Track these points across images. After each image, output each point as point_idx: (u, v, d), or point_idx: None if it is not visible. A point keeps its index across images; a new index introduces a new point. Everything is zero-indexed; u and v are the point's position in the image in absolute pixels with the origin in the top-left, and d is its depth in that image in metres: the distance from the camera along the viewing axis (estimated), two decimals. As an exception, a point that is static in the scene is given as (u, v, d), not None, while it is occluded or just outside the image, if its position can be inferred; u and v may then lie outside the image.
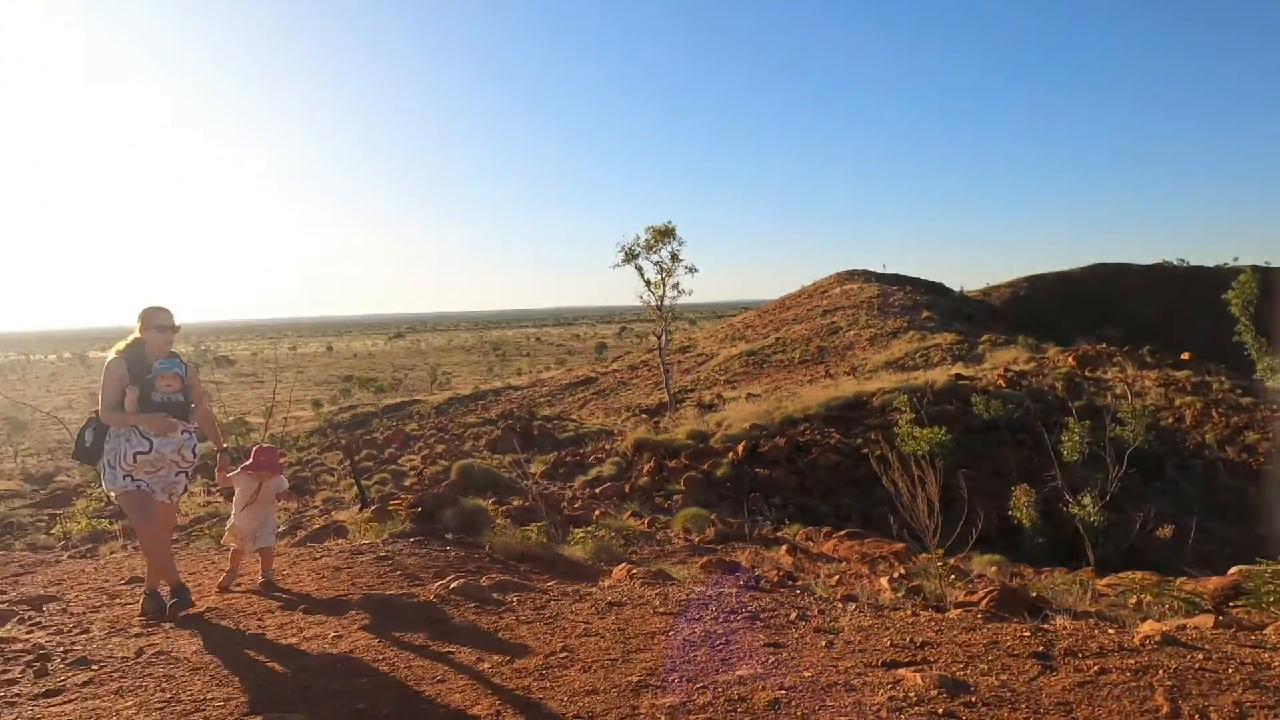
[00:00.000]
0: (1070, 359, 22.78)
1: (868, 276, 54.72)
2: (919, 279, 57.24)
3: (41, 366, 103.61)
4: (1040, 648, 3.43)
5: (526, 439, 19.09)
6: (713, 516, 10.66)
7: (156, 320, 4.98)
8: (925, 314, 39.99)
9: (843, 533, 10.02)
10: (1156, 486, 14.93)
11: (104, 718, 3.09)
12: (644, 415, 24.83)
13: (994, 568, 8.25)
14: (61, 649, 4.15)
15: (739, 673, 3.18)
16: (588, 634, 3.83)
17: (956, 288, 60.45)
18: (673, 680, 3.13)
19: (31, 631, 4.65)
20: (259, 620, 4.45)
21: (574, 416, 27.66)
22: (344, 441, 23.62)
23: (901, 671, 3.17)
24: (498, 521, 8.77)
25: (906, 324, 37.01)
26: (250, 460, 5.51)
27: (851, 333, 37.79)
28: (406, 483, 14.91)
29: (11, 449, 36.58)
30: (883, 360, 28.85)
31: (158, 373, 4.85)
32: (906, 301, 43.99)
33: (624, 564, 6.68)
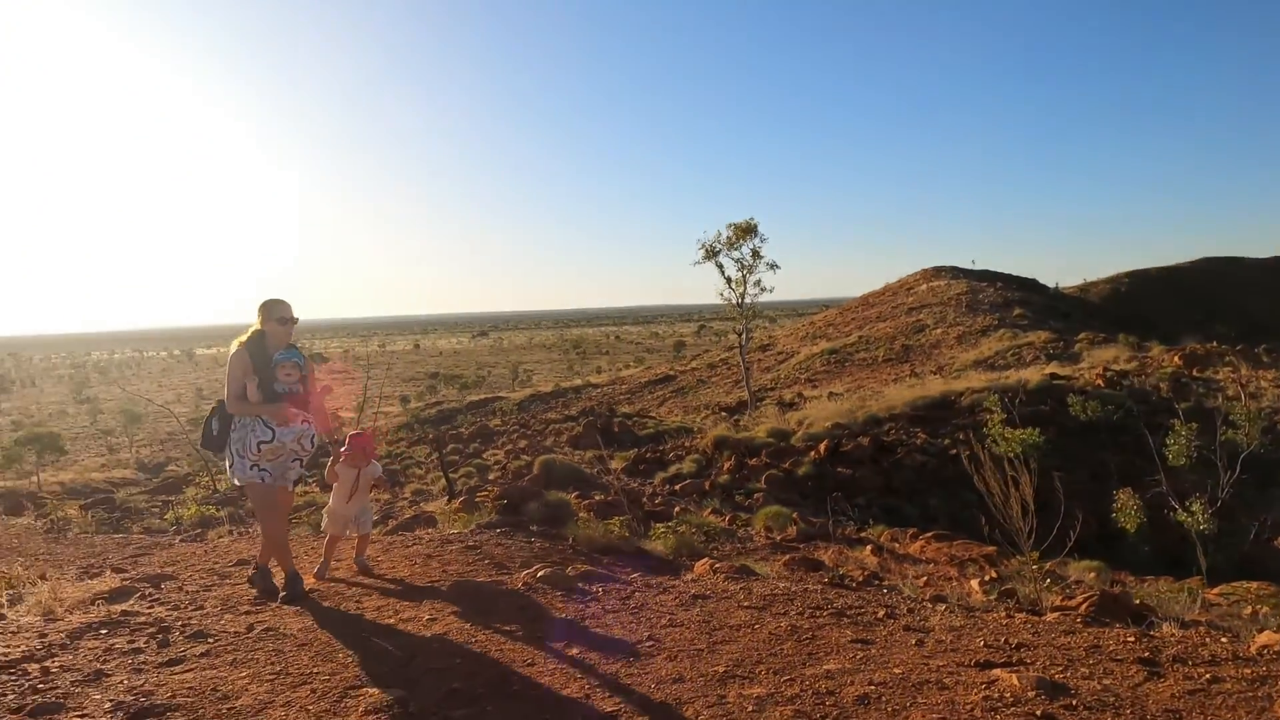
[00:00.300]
0: (1176, 358, 21.57)
1: (955, 273, 52.99)
2: (1010, 275, 55.10)
3: (154, 363, 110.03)
4: (1146, 654, 3.28)
5: (607, 436, 19.27)
6: (794, 515, 10.56)
7: (277, 312, 5.05)
8: (1017, 311, 38.50)
9: (930, 534, 9.78)
10: (1274, 493, 14.01)
11: (221, 687, 3.30)
12: (723, 413, 24.74)
13: (1092, 574, 7.91)
14: (180, 623, 4.44)
15: (826, 667, 3.15)
16: (673, 624, 3.87)
17: (1051, 284, 57.89)
18: (759, 672, 3.13)
19: (152, 606, 4.98)
20: (357, 602, 4.65)
21: (653, 414, 27.77)
22: (431, 436, 24.35)
23: (996, 672, 3.09)
24: (580, 515, 8.91)
25: (997, 321, 35.73)
26: (346, 446, 5.59)
27: (939, 331, 36.71)
28: (491, 476, 15.26)
29: (127, 439, 39.12)
30: (971, 359, 27.92)
31: (278, 363, 4.92)
32: (997, 299, 42.44)
33: (705, 559, 6.69)
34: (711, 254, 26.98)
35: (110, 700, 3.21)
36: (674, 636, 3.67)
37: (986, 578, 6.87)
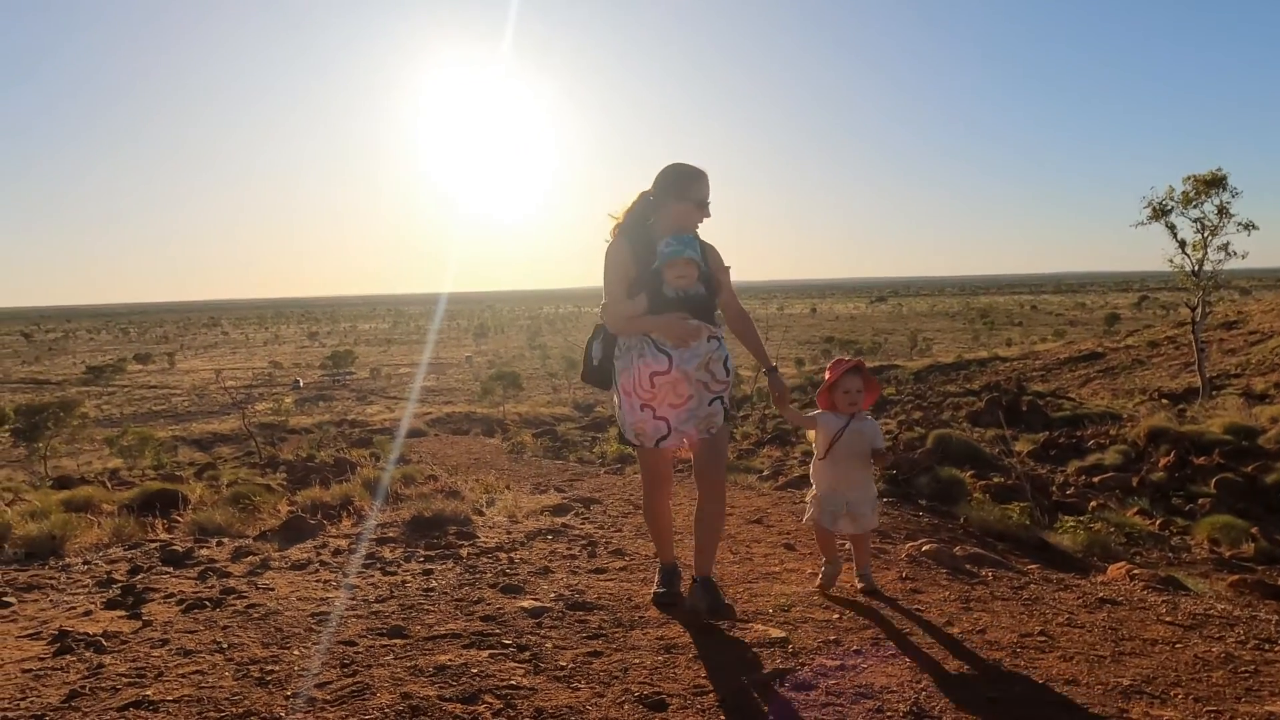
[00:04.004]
0: None
1: None
2: None
3: (589, 316, 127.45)
4: None
5: (1012, 414, 17.72)
6: (1253, 530, 8.75)
7: (694, 192, 3.44)
8: None
9: None
10: None
11: (634, 598, 3.87)
12: (1164, 400, 21.16)
13: None
14: (603, 540, 5.25)
15: (1270, 708, 2.67)
16: (1071, 625, 3.56)
17: None
18: (1175, 695, 2.76)
19: (584, 523, 5.95)
20: (747, 548, 5.04)
21: (1071, 395, 24.77)
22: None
23: None
24: (975, 495, 8.45)
25: None
26: (829, 379, 3.79)
27: None
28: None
29: (567, 382, 46.17)
30: None
31: (666, 259, 3.36)
32: None
33: (1123, 563, 5.93)
34: (1161, 213, 23.01)
35: (554, 592, 3.97)
36: (1071, 637, 3.38)
37: None
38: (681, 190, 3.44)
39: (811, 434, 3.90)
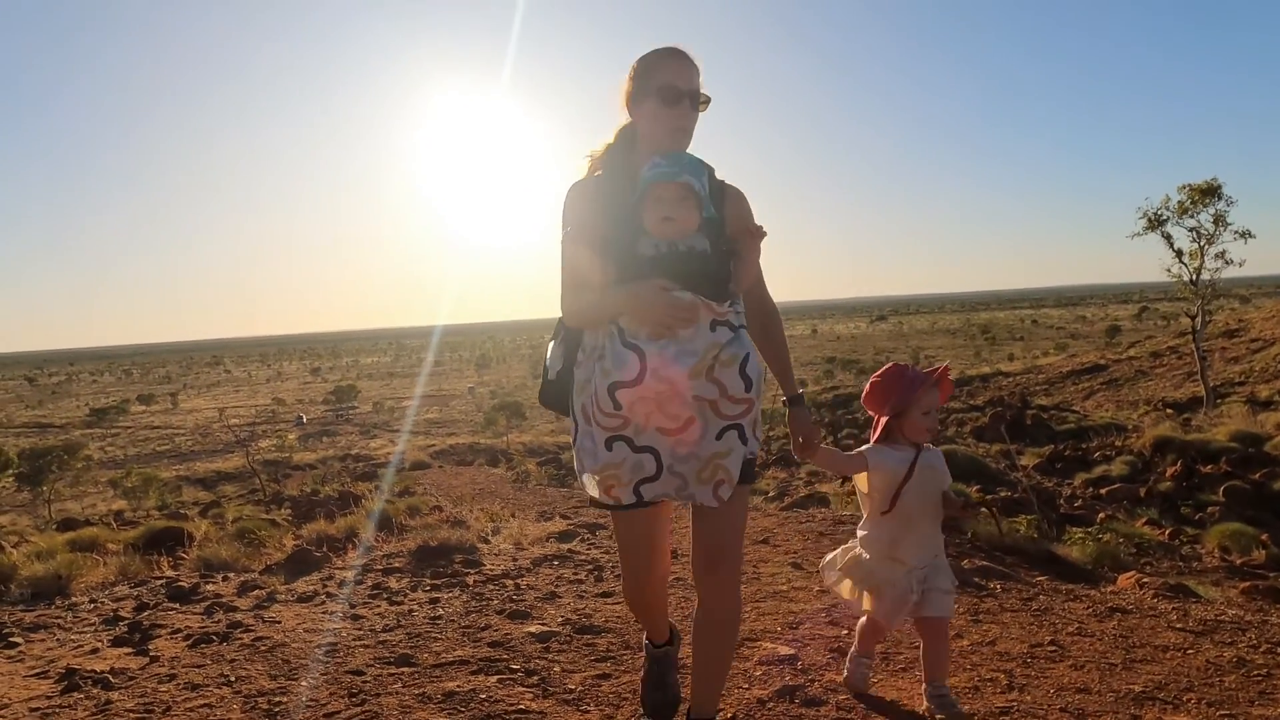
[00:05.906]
0: None
1: None
2: None
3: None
4: None
5: (1016, 428, 17.69)
6: (1263, 536, 8.72)
7: (660, 76, 2.09)
8: None
9: None
10: None
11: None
12: (1169, 410, 21.15)
13: None
14: (610, 564, 5.23)
15: (1283, 711, 2.65)
16: (1081, 634, 3.54)
17: None
18: (1187, 700, 2.75)
19: (590, 549, 5.93)
20: (755, 568, 5.02)
21: (1076, 407, 24.72)
22: (827, 420, 24.67)
23: None
24: (982, 510, 8.42)
25: None
26: (874, 389, 2.67)
27: None
28: (886, 463, 15.04)
29: (571, 410, 46.10)
30: None
31: (648, 185, 2.02)
32: None
33: (1132, 573, 5.90)
34: (1157, 223, 23.13)
35: (561, 616, 3.96)
36: (1082, 646, 3.36)
37: None
38: (642, 85, 2.12)
39: (862, 479, 2.65)
